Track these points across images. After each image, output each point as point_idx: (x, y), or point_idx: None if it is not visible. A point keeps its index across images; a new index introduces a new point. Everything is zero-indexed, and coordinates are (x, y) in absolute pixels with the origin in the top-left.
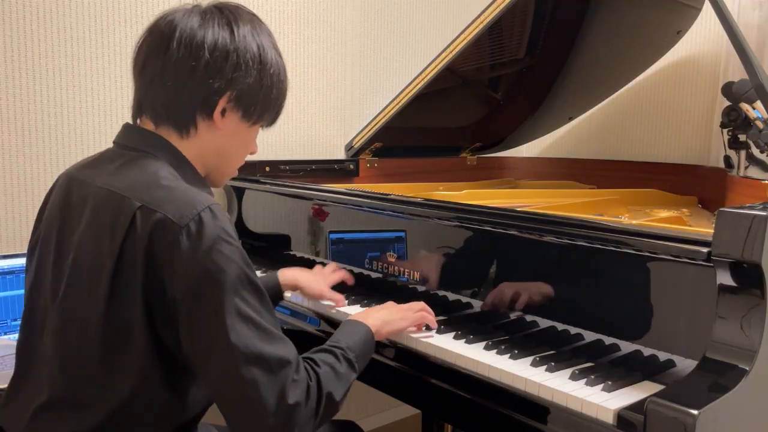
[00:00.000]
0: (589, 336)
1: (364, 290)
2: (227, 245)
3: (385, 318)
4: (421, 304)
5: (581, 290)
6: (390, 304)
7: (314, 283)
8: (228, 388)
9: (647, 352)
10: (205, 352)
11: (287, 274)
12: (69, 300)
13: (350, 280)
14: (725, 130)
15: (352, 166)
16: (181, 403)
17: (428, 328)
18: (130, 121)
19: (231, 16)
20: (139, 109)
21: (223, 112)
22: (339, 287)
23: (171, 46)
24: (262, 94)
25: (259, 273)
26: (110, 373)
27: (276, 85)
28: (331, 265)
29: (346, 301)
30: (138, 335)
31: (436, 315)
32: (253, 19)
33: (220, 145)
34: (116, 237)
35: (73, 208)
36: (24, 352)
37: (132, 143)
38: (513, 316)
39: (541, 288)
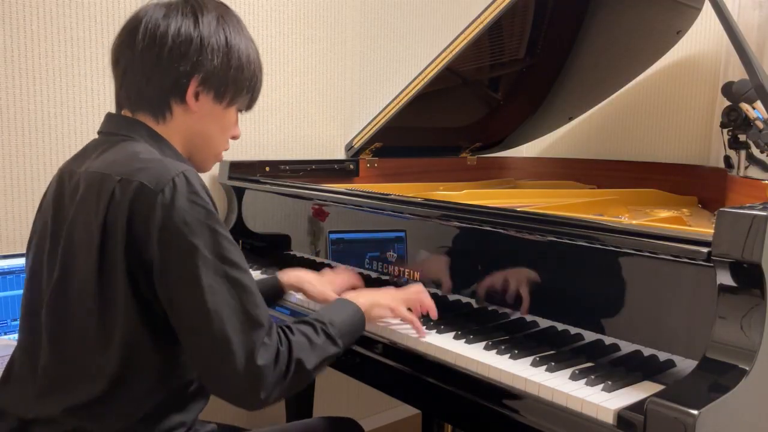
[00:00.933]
0: (589, 336)
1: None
2: (199, 208)
3: (376, 300)
4: (418, 297)
5: (581, 290)
6: (387, 288)
7: (319, 285)
8: (200, 345)
9: (647, 352)
10: (180, 309)
11: (291, 274)
12: (64, 278)
13: (361, 287)
14: (725, 130)
15: (352, 166)
16: (173, 368)
17: (429, 318)
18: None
19: (196, 6)
20: (119, 101)
21: (197, 95)
22: None
23: (137, 38)
24: (231, 76)
25: (258, 273)
26: (103, 341)
27: (246, 67)
28: (342, 270)
29: None
30: (123, 300)
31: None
32: (220, 7)
33: (198, 128)
34: (100, 211)
35: (65, 196)
36: (27, 334)
37: (113, 129)
38: (513, 316)
39: (540, 287)
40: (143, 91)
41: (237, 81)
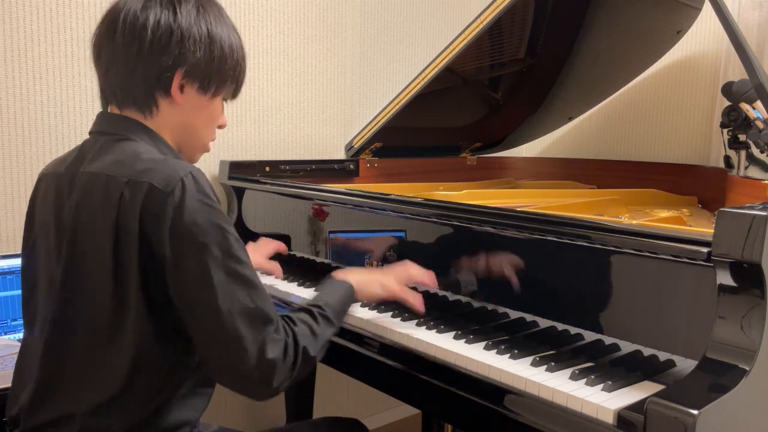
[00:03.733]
0: (589, 336)
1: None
2: (208, 207)
3: (367, 278)
4: (409, 274)
5: (581, 290)
6: (372, 269)
7: (252, 257)
8: (213, 342)
9: (647, 352)
10: (193, 308)
11: None
12: (72, 279)
13: (284, 250)
14: (725, 130)
15: (352, 166)
16: (179, 368)
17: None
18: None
19: None
20: (104, 97)
21: (182, 88)
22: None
23: (117, 31)
24: (215, 67)
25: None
26: (115, 343)
27: (229, 57)
28: (263, 239)
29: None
30: (134, 301)
31: (436, 315)
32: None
33: (185, 120)
34: (109, 214)
35: (64, 200)
36: (30, 346)
37: (106, 129)
38: (513, 316)
39: (540, 288)
40: (128, 85)
41: (221, 72)
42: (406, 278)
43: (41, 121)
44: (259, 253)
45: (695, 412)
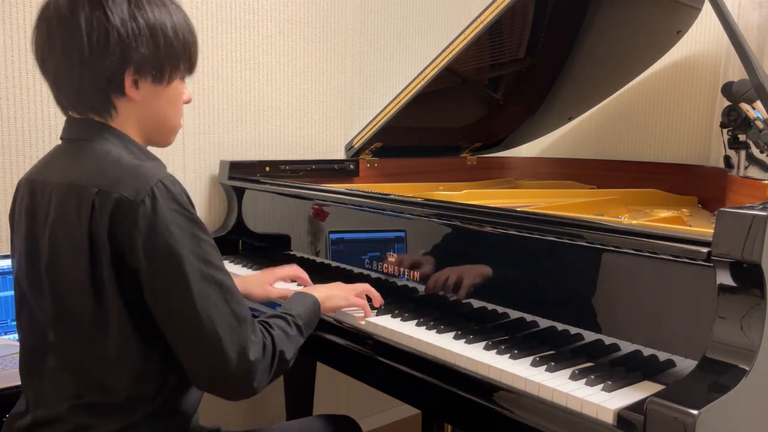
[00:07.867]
0: (589, 336)
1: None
2: (180, 216)
3: (329, 293)
4: (365, 288)
5: (581, 290)
6: (337, 284)
7: (260, 291)
8: (194, 346)
9: (647, 352)
10: (172, 315)
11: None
12: (55, 290)
13: (303, 280)
14: (725, 130)
15: (352, 166)
16: (171, 367)
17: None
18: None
19: None
20: (61, 104)
21: (135, 83)
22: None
23: (52, 37)
24: (163, 56)
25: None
26: (102, 349)
27: (175, 39)
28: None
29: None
30: (116, 311)
31: (435, 315)
32: None
33: (147, 113)
34: (83, 224)
35: (39, 209)
36: (29, 349)
37: (75, 135)
38: (513, 316)
39: (540, 287)
40: (80, 94)
41: (171, 57)
42: (362, 291)
43: (41, 121)
44: (273, 277)
45: (695, 412)
